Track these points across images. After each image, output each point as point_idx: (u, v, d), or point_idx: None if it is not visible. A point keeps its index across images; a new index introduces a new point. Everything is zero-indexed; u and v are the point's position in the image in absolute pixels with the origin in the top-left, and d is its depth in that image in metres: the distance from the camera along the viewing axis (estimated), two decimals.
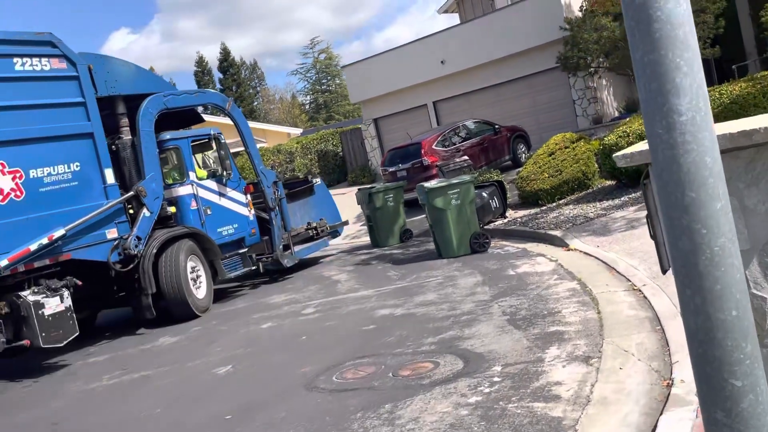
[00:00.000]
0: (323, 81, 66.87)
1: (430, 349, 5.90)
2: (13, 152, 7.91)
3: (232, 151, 11.72)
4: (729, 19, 16.26)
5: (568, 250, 9.07)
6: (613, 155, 2.68)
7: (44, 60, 8.42)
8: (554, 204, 12.10)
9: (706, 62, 16.54)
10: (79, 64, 8.82)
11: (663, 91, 2.02)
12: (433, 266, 9.76)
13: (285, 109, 69.00)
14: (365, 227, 15.84)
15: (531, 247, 9.84)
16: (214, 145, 10.71)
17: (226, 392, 5.89)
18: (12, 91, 8.07)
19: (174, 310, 9.34)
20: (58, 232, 8.03)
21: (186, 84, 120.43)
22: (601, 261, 7.99)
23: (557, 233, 9.88)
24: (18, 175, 7.92)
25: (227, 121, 12.35)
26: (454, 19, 28.05)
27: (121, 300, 9.68)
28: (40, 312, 7.57)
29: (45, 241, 7.87)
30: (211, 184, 10.48)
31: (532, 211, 12.16)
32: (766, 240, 2.36)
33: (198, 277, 9.73)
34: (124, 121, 9.69)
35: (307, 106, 70.00)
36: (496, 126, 17.52)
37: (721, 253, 2.04)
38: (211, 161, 11.35)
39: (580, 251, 8.77)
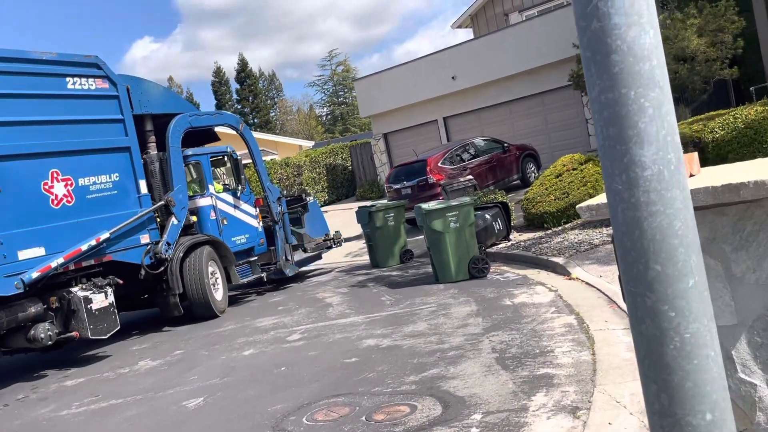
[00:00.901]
0: (340, 93, 66.96)
1: (410, 389, 5.50)
2: (65, 162, 8.80)
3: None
4: (748, 39, 15.76)
5: (570, 279, 8.65)
6: (577, 206, 2.30)
7: (90, 80, 9.36)
8: (560, 228, 11.68)
9: (723, 83, 16.05)
10: (119, 85, 9.76)
11: (623, 138, 1.63)
12: (428, 291, 9.38)
13: (301, 121, 69.06)
14: (366, 246, 15.53)
15: (532, 274, 9.43)
16: (228, 161, 11.75)
17: (191, 428, 5.53)
18: (64, 107, 9.00)
19: (197, 310, 10.19)
20: (104, 235, 8.92)
21: (203, 94, 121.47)
22: (603, 293, 7.57)
23: (559, 260, 9.46)
24: (69, 182, 8.83)
25: (225, 130, 12.86)
26: (469, 34, 27.77)
27: (144, 301, 10.60)
28: (88, 306, 8.40)
29: (93, 242, 8.75)
30: (227, 196, 11.41)
31: (537, 234, 11.74)
32: (757, 315, 1.95)
33: (216, 281, 10.54)
34: (152, 137, 10.52)
35: (324, 118, 70.06)
36: (506, 144, 17.13)
37: (694, 342, 1.64)
38: (225, 175, 12.16)
39: (582, 281, 8.35)
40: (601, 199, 2.19)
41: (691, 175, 2.26)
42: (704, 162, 11.81)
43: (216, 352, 8.09)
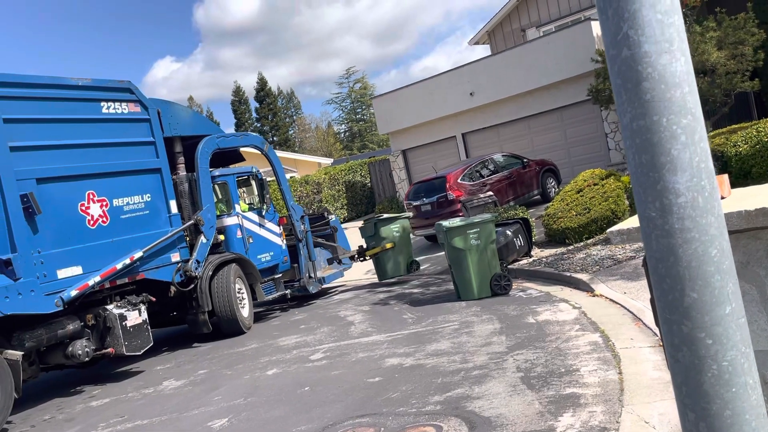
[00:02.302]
0: (358, 110, 67.28)
1: (434, 409, 5.47)
2: (100, 183, 9.08)
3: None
4: None
5: (593, 295, 8.57)
6: (608, 231, 2.29)
7: (124, 104, 9.66)
8: (582, 243, 11.59)
9: (744, 96, 15.90)
10: (150, 108, 10.05)
11: (656, 165, 1.63)
12: (450, 309, 9.34)
13: (320, 138, 69.49)
14: None
15: (555, 290, 9.36)
16: (253, 181, 12.01)
17: None
18: (99, 130, 9.28)
19: (225, 327, 10.38)
20: (137, 254, 9.16)
21: (223, 113, 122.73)
22: (628, 310, 7.49)
23: (583, 277, 9.38)
24: (104, 203, 9.10)
25: (249, 150, 12.93)
26: (487, 50, 27.83)
27: (173, 318, 10.77)
28: (123, 323, 8.66)
29: (127, 261, 9.00)
30: (253, 215, 11.63)
31: (559, 250, 11.66)
32: None
33: (243, 298, 10.74)
34: (181, 158, 10.80)
35: (342, 135, 70.42)
36: (525, 159, 17.08)
37: (732, 370, 1.62)
38: (246, 194, 12.32)
39: (606, 298, 8.27)
40: (632, 223, 2.18)
41: (722, 198, 2.24)
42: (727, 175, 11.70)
43: (239, 372, 8.11)
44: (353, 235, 16.76)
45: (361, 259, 13.04)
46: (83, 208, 8.80)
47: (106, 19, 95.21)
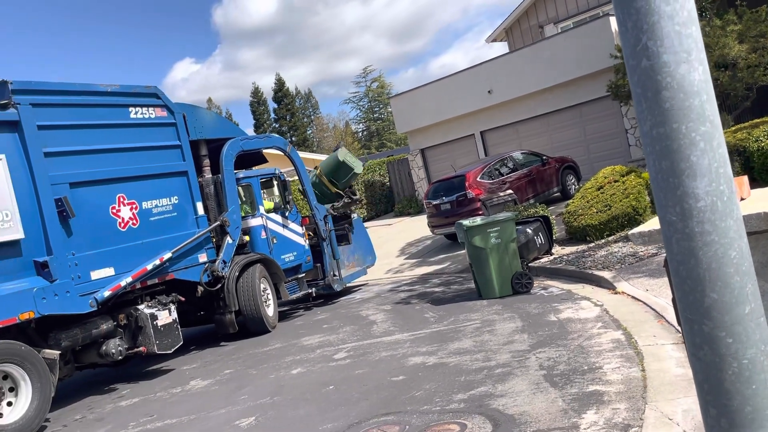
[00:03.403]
0: (375, 109, 67.36)
1: (458, 407, 5.54)
2: (130, 187, 9.31)
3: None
4: None
5: (615, 293, 8.57)
6: (629, 233, 2.34)
7: (150, 109, 9.87)
8: (603, 241, 11.57)
9: (766, 90, 15.72)
10: (176, 113, 10.25)
11: (676, 171, 1.69)
12: (472, 308, 9.40)
13: (338, 137, 69.70)
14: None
15: (576, 288, 9.37)
16: (276, 183, 12.15)
17: None
18: (127, 135, 9.52)
19: (251, 326, 10.56)
20: (167, 255, 9.37)
21: (242, 114, 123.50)
22: (650, 307, 7.49)
23: (604, 274, 9.38)
24: (134, 206, 9.31)
25: (272, 151, 13.14)
26: (504, 48, 27.77)
27: (200, 318, 10.98)
28: (154, 323, 8.90)
29: (157, 262, 9.22)
30: (276, 216, 11.83)
31: (580, 248, 11.65)
32: None
33: (268, 297, 10.93)
34: (206, 161, 10.99)
35: (360, 134, 70.59)
36: (544, 157, 17.04)
37: (752, 367, 1.68)
38: (266, 195, 12.37)
39: (628, 295, 8.27)
40: (653, 225, 2.25)
41: (742, 199, 2.29)
42: (749, 172, 11.54)
43: (264, 371, 8.24)
44: (370, 235, 16.82)
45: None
46: (114, 210, 9.03)
47: (124, 21, 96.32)
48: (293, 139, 63.81)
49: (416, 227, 19.24)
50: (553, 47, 19.37)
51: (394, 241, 18.85)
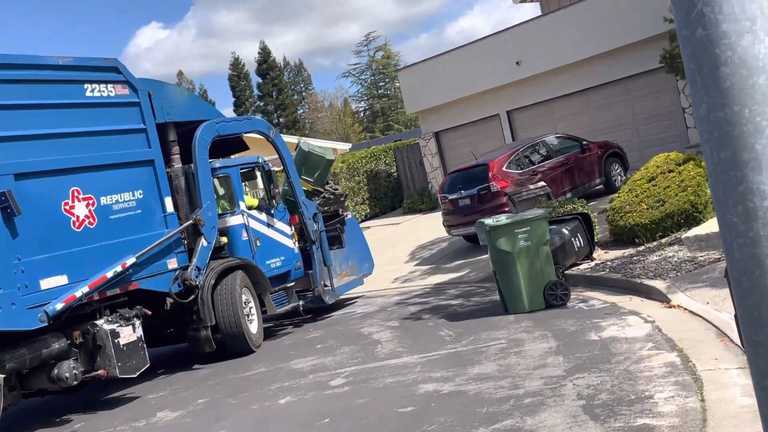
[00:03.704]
0: (380, 84, 67.53)
1: None
2: (86, 179, 9.26)
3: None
4: None
5: (670, 306, 8.62)
6: (684, 236, 2.36)
7: (110, 86, 9.84)
8: (654, 243, 11.58)
9: None
10: (140, 90, 10.24)
11: (738, 162, 1.70)
12: (496, 324, 9.44)
13: (335, 118, 69.93)
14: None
15: (622, 301, 9.43)
16: (259, 174, 12.22)
17: None
18: (83, 117, 9.49)
19: (231, 345, 10.60)
20: (130, 260, 9.34)
21: (219, 90, 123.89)
22: (711, 324, 7.53)
23: (657, 284, 9.43)
24: (91, 201, 9.26)
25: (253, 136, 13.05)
26: (536, 9, 27.78)
27: (170, 336, 11.05)
28: (115, 341, 8.85)
29: (119, 268, 9.18)
30: (260, 214, 11.84)
31: (627, 251, 11.68)
32: None
33: (251, 311, 10.96)
34: (176, 148, 10.99)
35: (362, 114, 70.76)
36: (584, 142, 17.07)
37: None
38: (248, 188, 12.56)
39: (685, 309, 8.32)
40: (712, 227, 2.26)
41: None
42: None
43: (246, 401, 8.28)
44: (373, 237, 16.89)
45: None
46: (67, 207, 8.98)
47: None
48: (281, 120, 64.00)
49: (429, 227, 19.26)
50: (596, 8, 19.36)
51: (402, 244, 18.90)
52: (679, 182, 12.09)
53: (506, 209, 13.60)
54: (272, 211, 12.02)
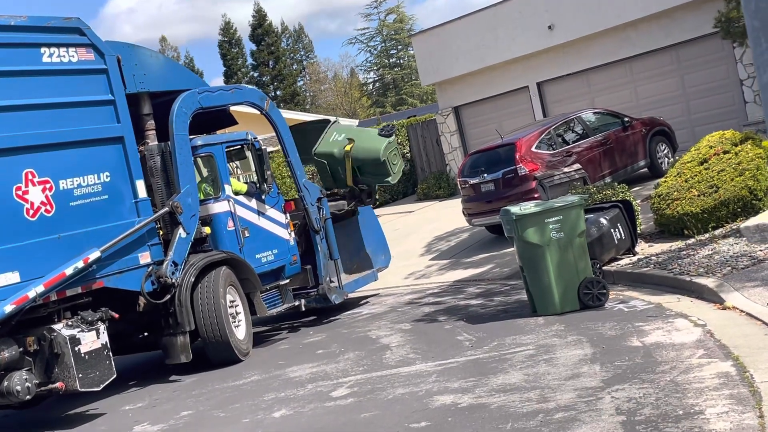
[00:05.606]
0: (392, 52, 67.47)
1: None
2: (42, 159, 9.13)
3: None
4: None
5: (723, 308, 8.62)
6: (742, 226, 2.30)
7: (72, 50, 9.69)
8: (707, 235, 11.54)
9: None
10: (108, 55, 10.09)
11: None
12: (522, 328, 9.45)
13: (340, 91, 69.98)
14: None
15: (668, 301, 9.42)
16: (249, 153, 12.10)
17: None
18: (39, 86, 9.39)
19: (212, 353, 10.49)
20: (93, 254, 9.17)
21: (208, 59, 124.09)
22: None
23: (708, 282, 9.41)
24: (48, 186, 9.12)
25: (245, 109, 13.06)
26: None
27: (143, 342, 11.00)
28: (76, 349, 8.65)
29: (81, 264, 9.03)
30: (248, 200, 11.68)
31: (674, 245, 11.66)
32: None
33: (237, 313, 10.84)
34: (150, 123, 10.93)
35: (371, 87, 70.80)
36: (626, 119, 17.01)
37: None
38: (240, 170, 12.57)
39: (741, 311, 8.31)
40: None
41: None
42: None
43: (236, 414, 8.29)
44: (384, 227, 16.87)
45: None
46: (20, 193, 8.84)
47: None
48: (278, 93, 64.05)
49: (447, 215, 19.29)
50: None
51: (416, 235, 18.93)
52: (735, 165, 12.02)
53: (535, 195, 13.58)
54: (263, 197, 11.84)
